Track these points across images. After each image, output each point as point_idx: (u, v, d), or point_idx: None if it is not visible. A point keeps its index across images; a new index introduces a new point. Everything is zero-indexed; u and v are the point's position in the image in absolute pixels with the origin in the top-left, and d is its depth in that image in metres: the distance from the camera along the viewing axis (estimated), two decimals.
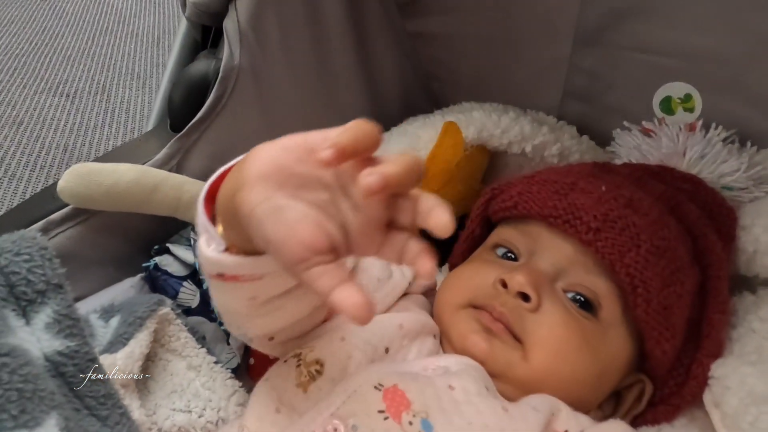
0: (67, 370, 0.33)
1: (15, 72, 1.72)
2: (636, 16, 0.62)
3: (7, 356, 0.29)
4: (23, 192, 1.25)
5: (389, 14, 0.67)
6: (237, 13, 0.53)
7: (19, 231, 0.35)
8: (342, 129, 0.27)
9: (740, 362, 0.44)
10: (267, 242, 0.28)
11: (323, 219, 0.28)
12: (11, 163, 1.33)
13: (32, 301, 0.33)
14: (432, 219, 0.28)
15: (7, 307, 0.33)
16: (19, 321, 0.33)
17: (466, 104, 0.69)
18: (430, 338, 0.44)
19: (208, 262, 0.32)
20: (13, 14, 2.06)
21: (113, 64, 1.78)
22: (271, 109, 0.58)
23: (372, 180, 0.26)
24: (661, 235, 0.44)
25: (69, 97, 1.62)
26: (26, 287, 0.34)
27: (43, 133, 1.44)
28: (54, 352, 0.33)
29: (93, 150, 1.39)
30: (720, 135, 0.58)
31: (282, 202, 0.27)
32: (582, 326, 0.42)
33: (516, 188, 0.49)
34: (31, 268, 0.34)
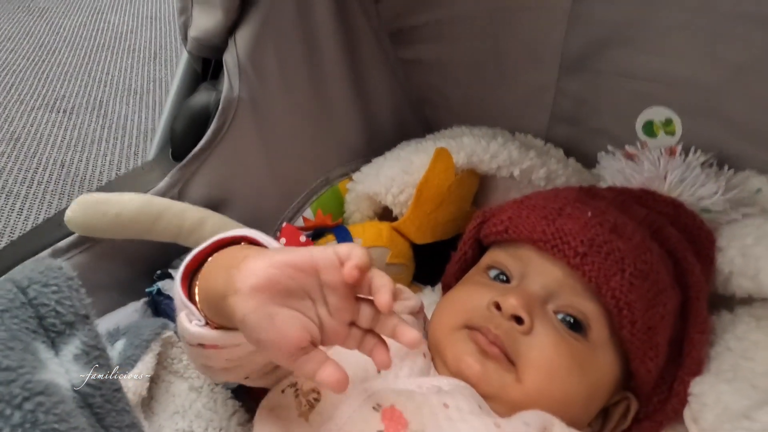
0: (94, 401, 0.33)
1: (12, 88, 1.72)
2: (618, 45, 0.65)
3: (41, 395, 0.29)
4: (20, 208, 1.26)
5: (381, 43, 0.69)
6: (236, 47, 0.55)
7: (44, 260, 0.36)
8: (353, 251, 0.33)
9: (717, 380, 0.46)
10: (259, 342, 0.33)
11: (307, 322, 0.33)
12: (8, 180, 1.34)
13: (61, 333, 0.33)
14: (376, 298, 0.34)
15: (37, 339, 0.32)
16: (49, 353, 0.32)
17: (457, 129, 0.71)
18: (420, 357, 0.46)
19: (190, 335, 0.38)
20: (10, 30, 2.07)
21: (110, 80, 1.79)
22: (268, 138, 0.60)
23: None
24: (644, 259, 0.46)
25: (66, 112, 1.62)
26: (55, 319, 0.33)
27: (41, 149, 1.45)
28: (82, 383, 0.32)
29: (90, 166, 1.40)
30: (699, 159, 0.61)
31: (273, 310, 0.33)
32: (572, 347, 0.44)
33: (506, 213, 0.51)
34: (59, 299, 0.34)
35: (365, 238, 0.61)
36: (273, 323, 0.32)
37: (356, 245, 0.34)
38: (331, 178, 0.67)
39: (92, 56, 1.91)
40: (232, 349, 0.37)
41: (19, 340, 0.32)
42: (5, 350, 0.31)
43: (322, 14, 0.60)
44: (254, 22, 0.55)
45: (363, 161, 0.68)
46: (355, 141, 0.69)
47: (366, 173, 0.65)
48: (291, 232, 0.57)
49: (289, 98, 0.61)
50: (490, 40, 0.71)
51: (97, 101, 1.68)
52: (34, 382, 0.30)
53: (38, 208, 1.28)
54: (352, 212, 0.66)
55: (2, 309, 0.33)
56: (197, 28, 0.55)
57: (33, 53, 1.91)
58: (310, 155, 0.65)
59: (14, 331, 0.32)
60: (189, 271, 0.40)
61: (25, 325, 0.33)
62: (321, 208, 0.66)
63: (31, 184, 1.34)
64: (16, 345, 0.31)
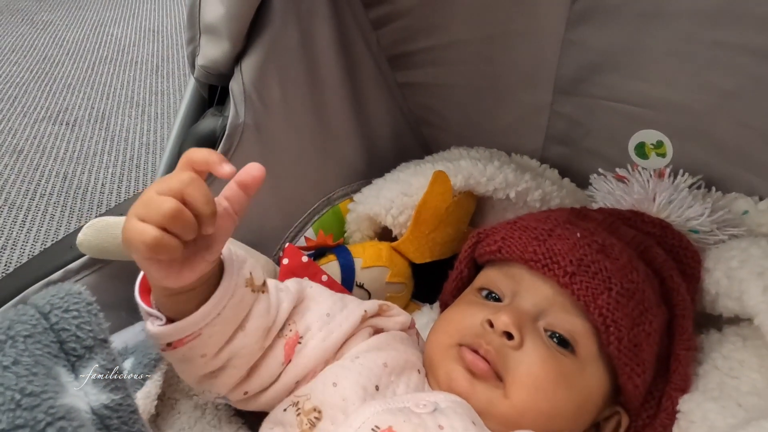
0: (112, 423, 0.34)
1: (16, 100, 1.74)
2: (609, 70, 0.67)
3: (63, 419, 0.30)
4: (23, 221, 1.27)
5: (381, 68, 0.72)
6: (242, 75, 0.57)
7: (64, 285, 0.37)
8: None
9: (704, 398, 0.48)
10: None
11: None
12: (11, 192, 1.35)
13: (81, 357, 0.34)
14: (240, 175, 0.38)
15: (59, 363, 0.33)
16: (69, 376, 0.34)
17: (455, 151, 0.73)
18: (415, 373, 0.48)
19: (155, 337, 0.41)
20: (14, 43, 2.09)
21: (113, 92, 1.81)
22: (272, 161, 0.62)
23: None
24: (631, 278, 0.48)
25: (69, 125, 1.64)
26: (75, 343, 0.35)
27: (43, 161, 1.46)
28: (101, 406, 0.34)
29: (92, 178, 1.41)
30: (686, 181, 0.63)
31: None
32: (561, 363, 0.45)
33: (500, 233, 0.53)
34: (79, 324, 0.35)
35: (366, 257, 0.63)
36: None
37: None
38: (332, 199, 0.69)
39: (95, 69, 1.93)
40: (196, 340, 0.41)
41: (42, 365, 0.33)
42: (29, 376, 0.32)
43: (323, 43, 0.62)
44: (259, 51, 0.57)
45: (363, 182, 0.70)
46: (355, 162, 0.71)
47: (366, 194, 0.67)
48: (293, 253, 0.59)
49: (291, 123, 0.63)
50: (485, 64, 0.73)
51: (100, 113, 1.70)
52: (56, 407, 0.31)
53: (40, 220, 1.29)
54: (353, 232, 0.68)
55: (26, 334, 0.34)
56: (205, 57, 0.57)
57: (36, 66, 1.93)
58: (312, 177, 0.67)
59: (37, 356, 0.33)
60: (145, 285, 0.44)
61: (48, 349, 0.34)
62: (322, 228, 0.67)
63: (34, 196, 1.35)
64: (39, 370, 0.33)
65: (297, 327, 0.47)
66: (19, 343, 0.34)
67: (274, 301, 0.46)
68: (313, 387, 0.45)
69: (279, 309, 0.46)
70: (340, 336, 0.48)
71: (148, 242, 0.34)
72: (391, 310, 0.53)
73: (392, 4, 0.70)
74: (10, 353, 0.33)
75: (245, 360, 0.45)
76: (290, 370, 0.46)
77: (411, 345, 0.52)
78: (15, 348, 0.33)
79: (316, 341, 0.47)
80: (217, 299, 0.41)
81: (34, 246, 1.24)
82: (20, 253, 1.21)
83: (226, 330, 0.42)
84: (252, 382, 0.46)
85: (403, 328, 0.53)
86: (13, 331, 0.34)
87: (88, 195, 1.40)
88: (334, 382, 0.44)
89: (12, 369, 0.32)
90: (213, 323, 0.41)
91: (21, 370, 0.32)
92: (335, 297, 0.51)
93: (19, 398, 0.31)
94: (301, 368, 0.46)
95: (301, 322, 0.48)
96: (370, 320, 0.51)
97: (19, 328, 0.34)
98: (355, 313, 0.49)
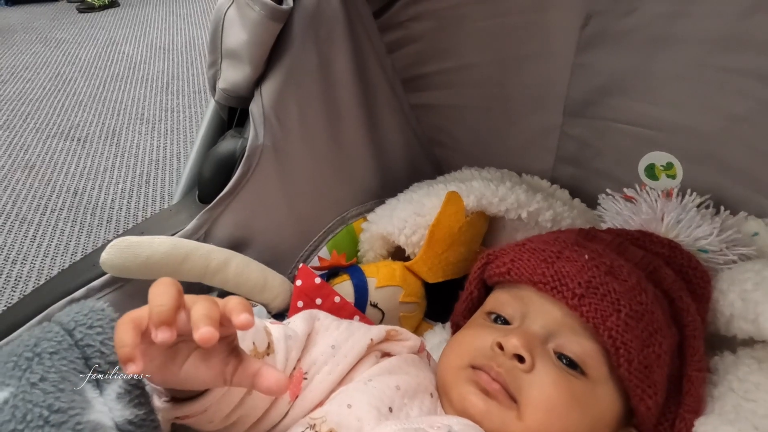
0: None
1: (29, 117, 1.77)
2: (619, 93, 0.68)
3: None
4: (33, 235, 1.28)
5: (395, 90, 0.73)
6: (262, 98, 0.58)
7: (87, 302, 0.37)
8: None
9: (720, 421, 0.47)
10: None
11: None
12: (22, 207, 1.36)
13: (105, 372, 0.34)
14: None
15: (84, 379, 0.34)
16: (94, 392, 0.34)
17: (467, 171, 0.74)
18: (428, 397, 0.48)
19: (162, 411, 0.40)
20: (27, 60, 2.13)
21: (123, 109, 1.83)
22: (289, 181, 0.63)
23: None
24: (639, 300, 0.48)
25: (80, 141, 1.66)
26: (100, 359, 0.35)
27: (54, 176, 1.48)
28: (125, 422, 0.34)
29: (102, 193, 1.43)
30: (695, 201, 0.63)
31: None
32: (572, 385, 0.45)
33: (509, 255, 0.53)
34: (103, 340, 0.35)
35: (379, 277, 0.63)
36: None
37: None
38: (346, 218, 0.70)
39: (106, 86, 1.96)
40: (202, 415, 0.41)
41: (69, 381, 0.34)
42: (56, 392, 0.32)
43: (341, 66, 0.64)
44: (279, 75, 0.59)
45: (377, 202, 0.71)
46: (369, 182, 0.72)
47: (380, 214, 0.68)
48: (306, 274, 0.59)
49: (308, 144, 0.64)
50: (496, 87, 0.74)
51: (111, 130, 1.72)
52: (83, 423, 0.32)
53: (51, 234, 1.30)
54: (366, 251, 0.69)
55: (52, 351, 0.34)
56: (226, 80, 0.59)
57: (49, 83, 1.97)
58: (327, 197, 0.68)
59: (64, 372, 0.34)
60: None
61: (73, 366, 0.34)
62: (336, 248, 0.68)
63: (45, 211, 1.36)
64: (66, 386, 0.33)
65: (301, 363, 0.47)
66: (45, 359, 0.34)
67: (281, 358, 0.46)
68: (329, 410, 0.45)
69: (287, 360, 0.46)
70: (345, 367, 0.48)
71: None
72: (400, 334, 0.53)
73: (406, 29, 0.72)
74: (38, 370, 0.33)
75: (254, 415, 0.45)
76: (298, 405, 0.46)
77: (423, 368, 0.52)
78: (42, 365, 0.34)
79: (321, 375, 0.47)
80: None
81: (44, 260, 1.25)
82: (30, 267, 1.22)
83: (233, 401, 0.43)
84: (261, 426, 0.46)
85: (412, 352, 0.53)
86: (40, 348, 0.34)
87: (98, 210, 1.42)
88: (348, 404, 0.44)
89: (39, 386, 0.33)
90: (219, 401, 0.41)
91: (48, 386, 0.33)
92: (342, 326, 0.51)
93: (47, 415, 0.31)
94: (308, 402, 0.46)
95: (306, 359, 0.48)
96: (378, 346, 0.51)
97: (45, 345, 0.35)
98: (361, 342, 0.49)
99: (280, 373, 0.36)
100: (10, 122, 1.76)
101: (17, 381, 0.33)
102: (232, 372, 0.37)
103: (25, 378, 0.33)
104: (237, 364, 0.37)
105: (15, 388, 0.32)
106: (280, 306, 0.60)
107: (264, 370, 0.36)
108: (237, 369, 0.37)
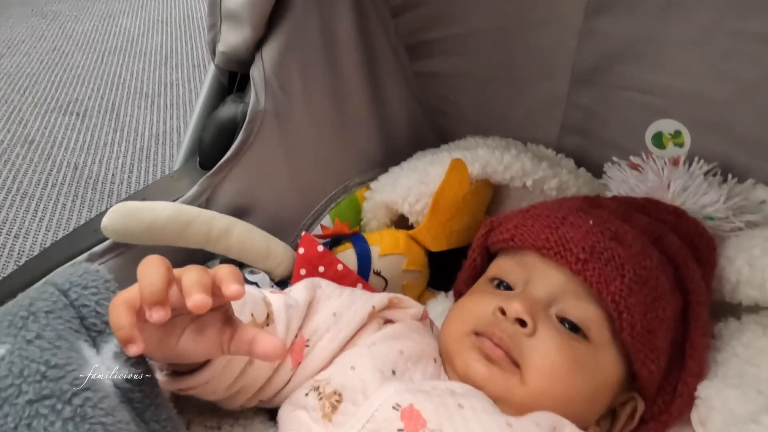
0: (134, 396, 0.34)
1: (26, 91, 1.75)
2: (628, 60, 0.67)
3: (89, 390, 0.31)
4: (35, 210, 1.27)
5: (399, 57, 0.72)
6: (263, 61, 0.57)
7: (82, 264, 0.37)
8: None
9: (724, 385, 0.48)
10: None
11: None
12: (23, 181, 1.36)
13: (101, 332, 0.35)
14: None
15: (80, 338, 0.34)
16: (91, 351, 0.34)
17: (471, 140, 0.73)
18: (431, 362, 0.48)
19: (163, 384, 0.40)
20: (23, 34, 2.09)
21: (122, 83, 1.81)
22: (291, 147, 0.62)
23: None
24: (644, 265, 0.48)
25: (79, 115, 1.64)
26: (96, 319, 0.35)
27: (54, 151, 1.46)
28: (123, 380, 0.34)
29: (103, 168, 1.42)
30: (702, 168, 0.62)
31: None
32: (574, 349, 0.46)
33: (512, 222, 0.53)
34: (99, 300, 0.36)
35: (383, 245, 0.63)
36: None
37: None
38: (349, 187, 0.69)
39: (104, 59, 1.94)
40: (205, 386, 0.41)
41: (65, 339, 0.34)
42: (53, 349, 0.33)
43: (344, 30, 0.63)
44: (280, 38, 0.58)
45: (380, 171, 0.70)
46: (372, 151, 0.71)
47: (383, 183, 0.67)
48: (309, 242, 0.59)
49: (310, 110, 0.63)
50: (502, 53, 0.73)
51: (109, 104, 1.70)
52: (80, 378, 0.32)
53: (52, 209, 1.30)
54: (369, 220, 0.68)
55: (47, 310, 0.35)
56: (225, 43, 0.58)
57: (46, 57, 1.94)
58: (329, 165, 0.67)
59: (60, 330, 0.34)
60: None
61: (69, 325, 0.35)
62: (338, 216, 0.68)
63: (45, 186, 1.36)
64: (62, 344, 0.33)
65: (303, 331, 0.48)
66: (41, 318, 0.34)
67: (282, 327, 0.46)
68: (332, 372, 0.45)
69: (288, 330, 0.46)
70: (347, 334, 0.48)
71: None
72: (403, 302, 0.53)
73: None
74: (33, 328, 0.33)
75: (257, 383, 0.45)
76: (300, 373, 0.47)
77: (426, 335, 0.52)
78: (37, 323, 0.34)
79: (323, 342, 0.47)
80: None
81: (46, 235, 1.25)
82: (33, 241, 1.22)
83: (234, 372, 0.43)
84: (264, 393, 0.46)
85: (415, 319, 0.53)
86: (35, 307, 0.35)
87: (99, 185, 1.41)
88: (352, 366, 0.44)
89: (35, 343, 0.33)
90: (220, 373, 0.41)
91: (44, 343, 0.33)
92: (344, 294, 0.51)
93: (44, 370, 0.31)
94: (311, 369, 0.46)
95: (308, 326, 0.48)
96: (380, 313, 0.51)
97: (40, 305, 0.35)
98: (363, 309, 0.49)
99: (276, 339, 0.36)
100: (8, 97, 1.73)
101: (13, 338, 0.33)
102: (228, 341, 0.37)
103: (21, 335, 0.33)
104: (232, 332, 0.37)
105: (11, 345, 0.32)
106: (283, 273, 0.60)
107: (260, 336, 0.36)
108: (233, 338, 0.37)
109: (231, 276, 0.35)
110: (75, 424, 0.30)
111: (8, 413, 0.30)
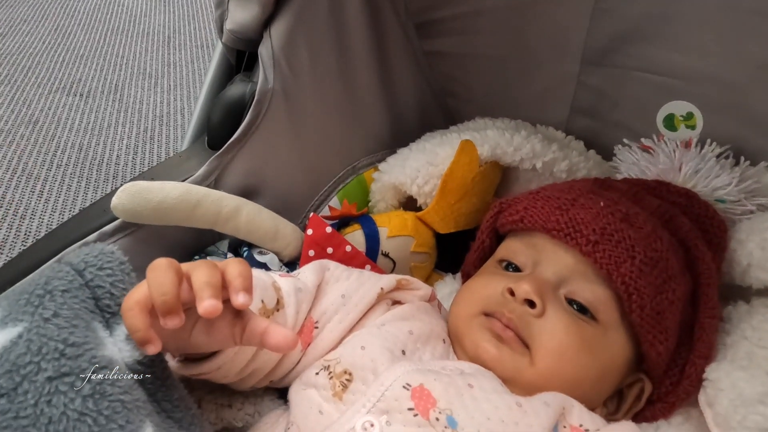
0: (146, 378, 0.34)
1: (29, 71, 1.73)
2: (641, 40, 0.66)
3: (106, 369, 0.31)
4: (40, 190, 1.28)
5: (408, 36, 0.71)
6: (271, 40, 0.57)
7: (97, 245, 0.37)
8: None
9: (732, 367, 0.48)
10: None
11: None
12: (28, 162, 1.36)
13: (115, 314, 0.35)
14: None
15: (95, 318, 0.34)
16: (104, 332, 0.34)
17: (480, 121, 0.73)
18: (441, 342, 0.48)
19: (176, 370, 0.41)
20: (26, 13, 2.08)
21: (125, 64, 1.79)
22: (299, 128, 0.62)
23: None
24: (654, 247, 0.48)
25: (83, 96, 1.64)
26: (110, 300, 0.35)
27: (59, 132, 1.46)
28: (134, 362, 0.34)
29: (107, 149, 1.42)
30: (714, 151, 0.62)
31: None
32: (583, 330, 0.46)
33: (522, 203, 0.53)
34: (113, 282, 0.36)
35: (391, 226, 0.63)
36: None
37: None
38: (357, 168, 0.69)
39: (107, 39, 1.92)
40: (217, 372, 0.41)
41: (81, 318, 0.34)
42: (70, 327, 0.33)
43: (352, 8, 0.62)
44: (289, 16, 0.57)
45: (388, 152, 0.69)
46: (380, 132, 0.70)
47: (392, 164, 0.67)
48: (317, 223, 0.59)
49: (319, 90, 0.63)
50: (513, 33, 0.72)
51: (113, 85, 1.69)
52: (98, 357, 0.32)
53: (57, 190, 1.30)
54: (377, 201, 0.68)
55: (63, 289, 0.35)
56: (233, 21, 0.57)
57: (49, 36, 1.92)
58: (338, 145, 0.66)
59: (76, 309, 0.34)
60: None
61: (84, 305, 0.35)
62: (347, 197, 0.67)
63: (51, 167, 1.36)
64: (79, 323, 0.33)
65: (312, 313, 0.48)
66: (57, 297, 0.34)
67: (292, 311, 0.46)
68: (342, 351, 0.46)
69: (298, 314, 0.46)
70: (356, 316, 0.48)
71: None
72: (411, 283, 0.53)
73: None
74: (50, 306, 0.34)
75: (267, 366, 0.45)
76: (310, 354, 0.47)
77: (435, 316, 0.52)
78: (54, 302, 0.34)
79: (332, 324, 0.47)
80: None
81: (52, 216, 1.25)
82: (39, 222, 1.23)
83: (245, 357, 0.43)
84: (275, 374, 0.47)
85: (423, 300, 0.53)
86: (51, 286, 0.35)
87: (104, 166, 1.41)
88: (362, 346, 0.45)
89: (53, 321, 0.33)
90: (232, 359, 0.42)
91: (62, 322, 0.33)
92: (352, 276, 0.51)
93: (63, 348, 0.32)
94: (320, 350, 0.47)
95: (317, 308, 0.48)
96: (388, 294, 0.51)
97: (57, 284, 0.35)
98: (371, 291, 0.49)
99: (287, 330, 0.36)
100: (11, 77, 1.72)
101: (30, 317, 0.33)
102: (240, 333, 0.37)
103: (38, 314, 0.33)
104: (244, 324, 0.37)
105: (28, 323, 0.32)
106: (292, 254, 0.60)
107: (271, 328, 0.36)
108: (245, 329, 0.37)
109: (239, 280, 0.35)
110: (95, 401, 0.31)
111: (28, 390, 0.30)
